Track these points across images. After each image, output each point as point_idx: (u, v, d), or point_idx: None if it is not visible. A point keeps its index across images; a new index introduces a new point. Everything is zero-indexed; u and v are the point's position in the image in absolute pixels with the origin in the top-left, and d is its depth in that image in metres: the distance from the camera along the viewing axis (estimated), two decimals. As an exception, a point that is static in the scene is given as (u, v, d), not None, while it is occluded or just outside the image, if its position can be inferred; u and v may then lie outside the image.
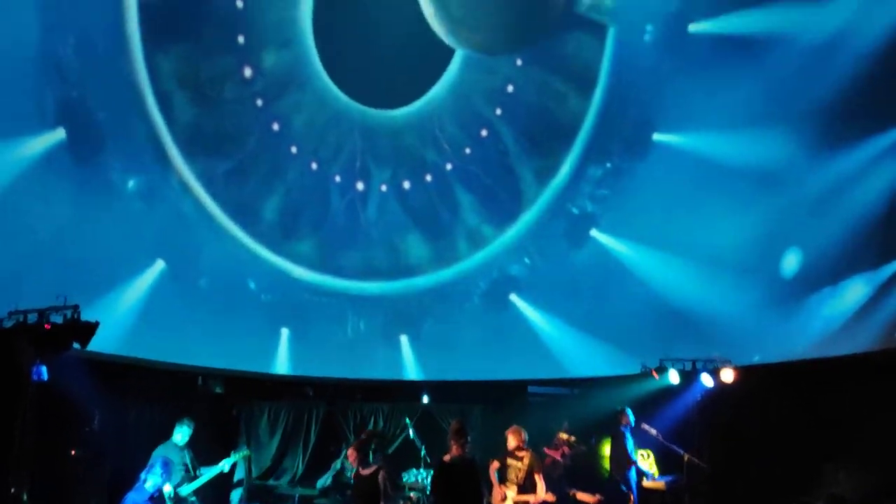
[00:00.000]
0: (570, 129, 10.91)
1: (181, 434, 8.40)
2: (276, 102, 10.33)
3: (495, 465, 8.33)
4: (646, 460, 9.48)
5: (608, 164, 10.96)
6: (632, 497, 9.43)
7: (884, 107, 9.13)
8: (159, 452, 8.17)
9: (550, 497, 8.38)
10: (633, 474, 9.56)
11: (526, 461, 8.14)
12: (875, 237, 9.15)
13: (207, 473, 8.38)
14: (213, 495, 9.45)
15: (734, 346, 9.61)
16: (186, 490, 8.11)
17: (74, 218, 8.77)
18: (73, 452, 8.46)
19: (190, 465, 8.32)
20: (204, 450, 9.09)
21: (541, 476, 8.21)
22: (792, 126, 9.65)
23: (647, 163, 10.65)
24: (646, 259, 10.50)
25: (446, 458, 7.34)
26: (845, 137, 9.30)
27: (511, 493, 8.16)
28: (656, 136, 10.59)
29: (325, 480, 9.29)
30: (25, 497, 6.91)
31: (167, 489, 7.88)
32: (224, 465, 8.53)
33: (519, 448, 8.20)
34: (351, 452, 7.30)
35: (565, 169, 10.97)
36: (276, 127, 10.33)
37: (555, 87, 10.95)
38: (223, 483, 9.73)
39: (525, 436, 8.24)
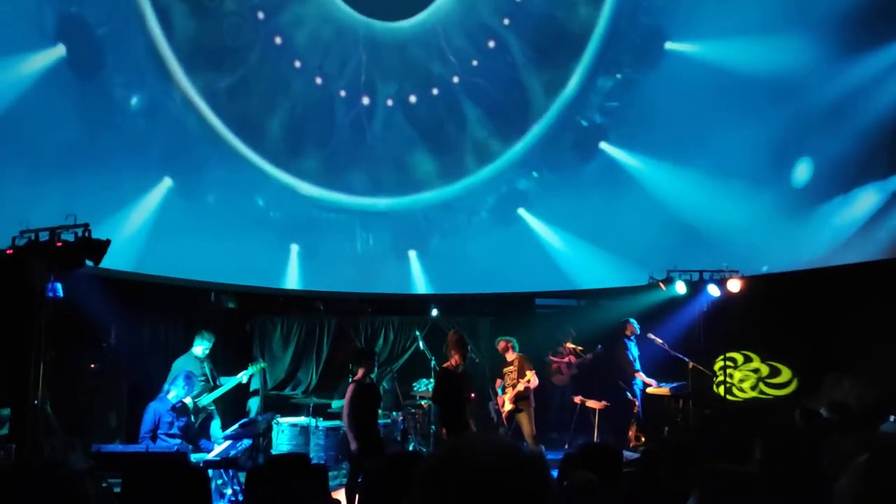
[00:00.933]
0: (580, 38, 10.65)
1: (201, 347, 8.58)
2: (278, 15, 10.08)
3: (498, 383, 8.72)
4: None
5: (618, 75, 10.75)
6: (636, 403, 9.68)
7: (898, 14, 8.89)
8: (179, 364, 8.39)
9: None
10: (638, 382, 9.78)
11: (515, 363, 8.49)
12: (887, 146, 9.05)
13: (226, 385, 8.63)
14: (231, 405, 9.78)
15: (743, 257, 9.64)
16: (206, 400, 8.36)
17: (79, 136, 8.72)
18: (91, 366, 8.69)
19: (209, 377, 8.55)
20: (219, 363, 9.34)
21: (532, 370, 8.52)
22: (805, 34, 9.43)
23: (658, 73, 10.45)
24: (655, 171, 10.43)
25: (450, 366, 7.59)
26: (859, 46, 9.10)
27: (508, 396, 8.50)
28: (668, 45, 10.35)
29: (339, 403, 9.56)
30: (49, 409, 7.15)
31: (187, 400, 8.14)
32: (242, 377, 8.77)
33: (507, 351, 8.72)
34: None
35: (574, 80, 10.76)
36: (278, 41, 10.11)
37: (564, -5, 10.65)
38: (240, 394, 10.04)
39: (514, 342, 8.79)
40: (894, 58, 9.04)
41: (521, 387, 8.41)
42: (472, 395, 7.91)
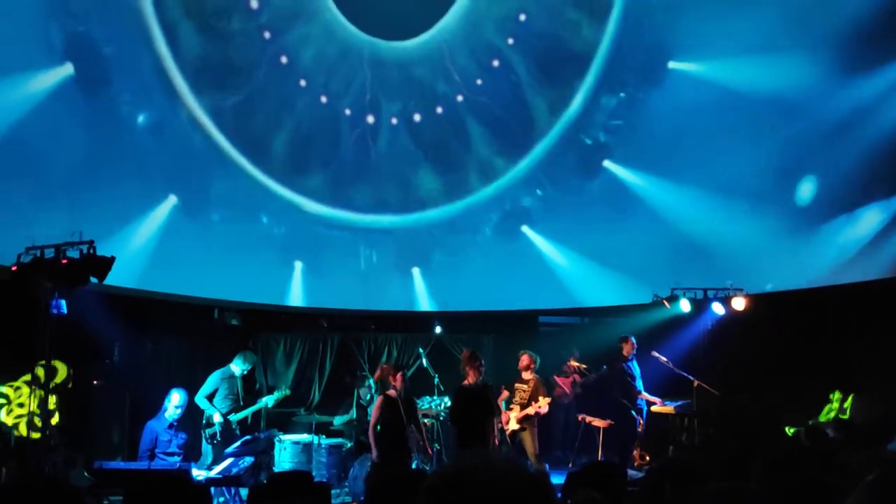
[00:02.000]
0: (584, 58, 10.70)
1: (239, 367, 8.58)
2: (284, 35, 10.16)
3: (504, 394, 8.64)
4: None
5: (622, 94, 10.79)
6: (641, 422, 9.62)
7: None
8: (216, 377, 8.44)
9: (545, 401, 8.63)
10: (642, 402, 9.71)
11: (531, 384, 8.42)
12: (890, 165, 9.05)
13: (253, 408, 8.65)
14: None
15: (747, 276, 9.64)
16: (233, 419, 8.38)
17: (85, 153, 8.78)
18: (94, 383, 8.69)
19: (239, 397, 8.55)
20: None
21: (547, 398, 8.46)
22: (809, 52, 9.46)
23: (661, 91, 10.49)
24: (659, 189, 10.44)
25: (464, 384, 7.58)
26: (862, 64, 9.13)
27: (514, 413, 8.44)
28: (672, 64, 10.39)
29: (341, 420, 9.52)
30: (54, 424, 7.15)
31: (217, 418, 8.13)
32: (268, 401, 8.79)
33: (527, 369, 8.53)
34: (399, 377, 7.69)
35: (578, 99, 10.80)
36: (284, 60, 10.19)
37: (568, 14, 10.69)
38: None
39: (537, 361, 8.57)
40: (896, 77, 9.06)
41: (531, 410, 8.33)
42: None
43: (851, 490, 2.04)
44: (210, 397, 8.34)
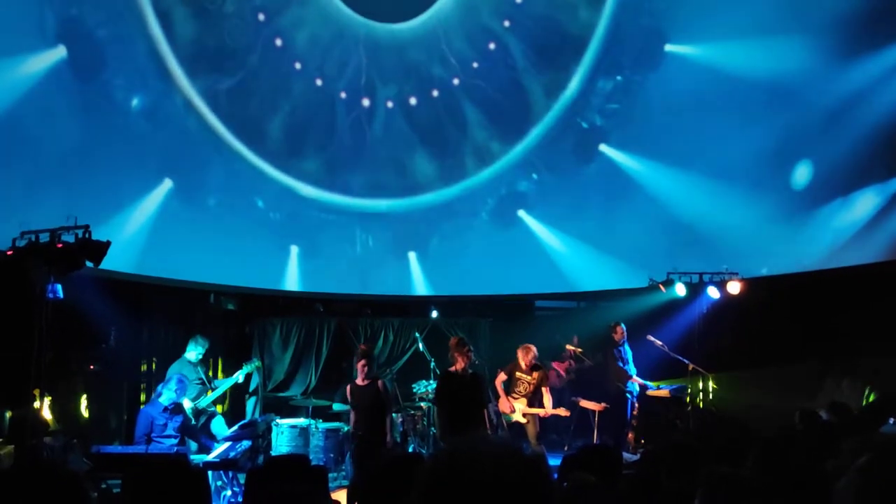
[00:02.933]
0: (581, 41, 10.66)
1: (194, 351, 8.60)
2: (279, 17, 10.09)
3: (502, 376, 8.59)
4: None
5: (618, 77, 10.77)
6: (635, 406, 9.66)
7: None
8: (174, 369, 8.43)
9: (564, 412, 8.73)
10: (633, 386, 9.72)
11: (536, 375, 8.38)
12: (886, 148, 9.07)
13: (223, 385, 8.68)
14: (231, 406, 9.79)
15: (743, 260, 9.67)
16: (205, 402, 8.40)
17: (80, 137, 8.71)
18: (91, 367, 8.70)
19: (205, 379, 8.58)
20: (219, 365, 9.37)
21: (548, 390, 8.48)
22: (806, 37, 9.47)
23: (658, 75, 10.47)
24: (655, 173, 10.44)
25: (451, 369, 7.59)
26: (859, 49, 9.14)
27: (520, 405, 8.40)
28: (668, 48, 10.37)
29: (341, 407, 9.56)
30: (49, 411, 7.15)
31: (187, 404, 8.15)
32: (238, 377, 8.83)
33: (529, 365, 8.42)
34: (363, 363, 7.63)
35: (575, 82, 10.77)
36: (278, 43, 10.13)
37: (565, -3, 10.66)
38: (240, 395, 10.07)
39: (535, 353, 8.43)
40: (893, 61, 9.06)
41: (541, 412, 8.32)
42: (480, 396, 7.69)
43: (844, 474, 2.06)
44: None
